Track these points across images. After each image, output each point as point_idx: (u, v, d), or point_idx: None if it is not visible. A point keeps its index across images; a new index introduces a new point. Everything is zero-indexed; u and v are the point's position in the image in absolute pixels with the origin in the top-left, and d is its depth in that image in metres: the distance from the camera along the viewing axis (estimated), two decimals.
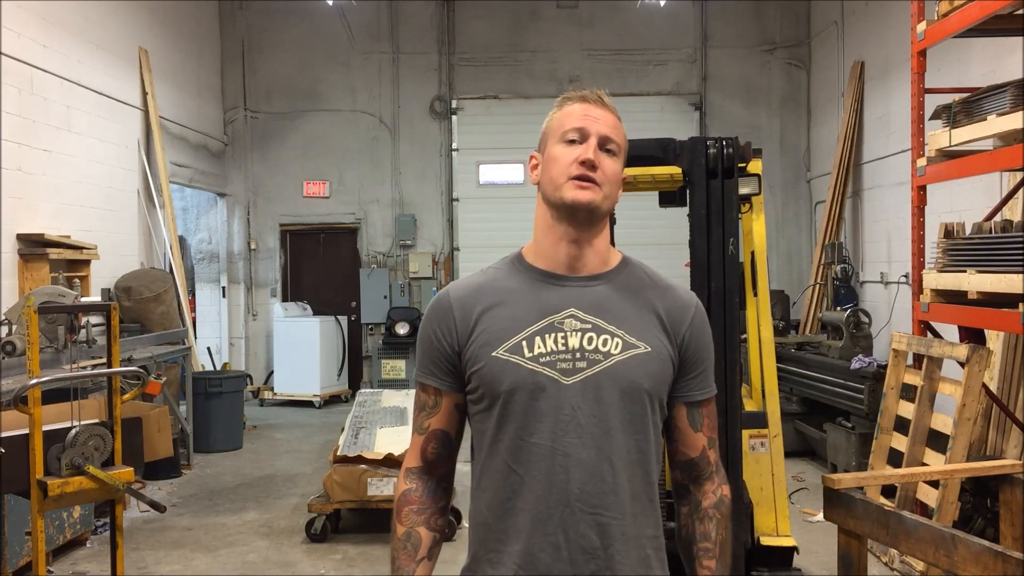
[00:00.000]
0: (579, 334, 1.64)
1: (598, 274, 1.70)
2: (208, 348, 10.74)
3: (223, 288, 11.57)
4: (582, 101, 1.70)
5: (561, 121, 1.70)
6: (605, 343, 1.64)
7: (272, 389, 11.01)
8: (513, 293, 1.69)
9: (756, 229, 4.15)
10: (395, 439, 5.95)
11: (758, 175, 3.98)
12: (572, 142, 1.66)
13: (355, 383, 11.31)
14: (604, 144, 1.66)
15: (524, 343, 1.63)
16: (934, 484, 4.64)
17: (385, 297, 11.39)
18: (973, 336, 4.92)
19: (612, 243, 3.57)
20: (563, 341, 1.63)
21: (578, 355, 1.63)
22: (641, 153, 3.57)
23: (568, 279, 1.69)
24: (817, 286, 9.52)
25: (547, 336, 1.64)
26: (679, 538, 1.77)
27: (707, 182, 3.43)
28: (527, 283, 1.70)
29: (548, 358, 1.63)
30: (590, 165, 1.63)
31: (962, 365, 4.70)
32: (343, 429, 6.45)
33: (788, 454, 4.77)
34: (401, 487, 1.75)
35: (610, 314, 1.66)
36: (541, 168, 1.71)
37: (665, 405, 1.71)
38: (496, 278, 1.73)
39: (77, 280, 6.70)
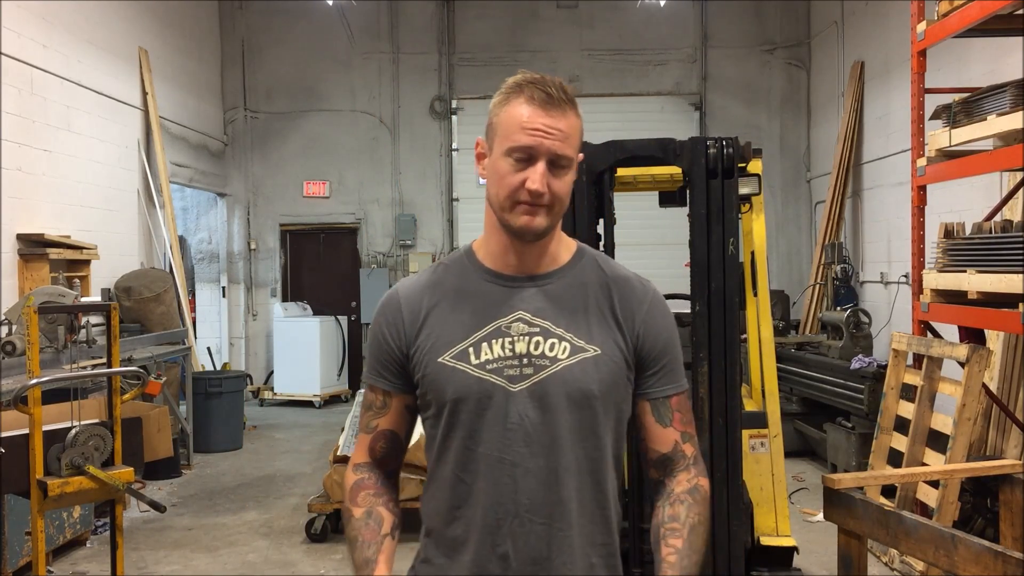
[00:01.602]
0: (526, 339, 1.58)
1: (549, 272, 1.64)
2: (208, 348, 10.74)
3: (223, 288, 11.57)
4: (530, 103, 1.54)
5: (509, 125, 1.55)
6: (552, 347, 1.58)
7: (272, 389, 11.01)
8: (461, 294, 1.63)
9: (756, 229, 4.15)
10: None
11: (758, 175, 3.98)
12: (520, 160, 1.54)
13: (355, 383, 11.30)
14: (555, 162, 1.55)
15: (471, 349, 1.58)
16: (934, 484, 4.64)
17: None
18: (973, 336, 4.91)
19: (611, 243, 3.57)
20: (510, 347, 1.58)
21: (524, 361, 1.57)
22: (641, 153, 3.57)
23: (517, 280, 1.63)
24: (817, 286, 9.52)
25: (494, 342, 1.58)
26: (652, 531, 1.69)
27: (707, 182, 3.43)
28: (476, 284, 1.64)
29: (495, 365, 1.57)
30: (536, 195, 1.53)
31: (962, 365, 4.70)
32: (343, 429, 6.45)
33: (788, 454, 4.77)
34: (351, 478, 1.69)
35: (559, 316, 1.60)
36: (488, 171, 1.61)
37: (624, 406, 1.65)
38: (446, 277, 1.67)
39: (77, 280, 6.70)
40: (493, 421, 1.56)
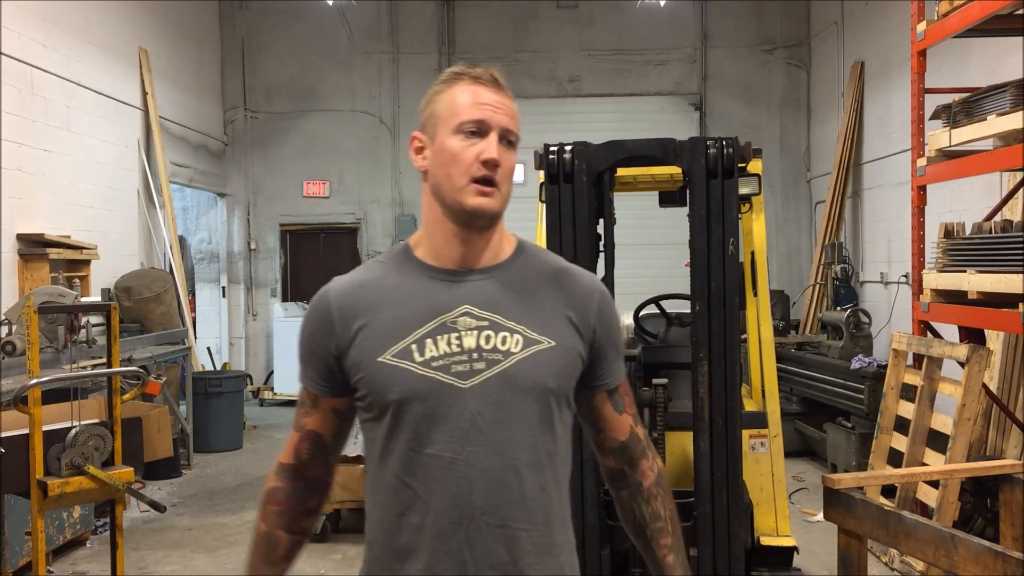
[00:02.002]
0: (475, 333, 1.52)
1: (492, 266, 1.58)
2: (208, 348, 10.74)
3: (223, 288, 11.57)
4: (475, 82, 1.55)
5: (454, 106, 1.54)
6: (504, 341, 1.52)
7: (272, 389, 11.01)
8: (400, 291, 1.56)
9: (756, 229, 4.15)
10: None
11: (758, 175, 3.98)
12: (472, 134, 1.52)
13: None
14: (504, 137, 1.53)
15: (414, 346, 1.51)
16: (934, 484, 4.64)
17: None
18: (973, 336, 4.91)
19: (611, 243, 3.57)
20: (457, 342, 1.51)
21: (475, 356, 1.51)
22: (641, 153, 3.57)
23: (460, 274, 1.56)
24: (817, 286, 9.52)
25: (439, 337, 1.51)
26: (627, 523, 1.74)
27: (707, 182, 3.42)
28: (416, 280, 1.57)
29: (441, 362, 1.50)
30: (493, 165, 1.50)
31: (962, 365, 4.70)
32: None
33: (788, 454, 4.77)
34: (269, 483, 1.70)
35: (508, 309, 1.54)
36: (432, 157, 1.56)
37: (573, 400, 1.61)
38: (382, 274, 1.60)
39: (77, 280, 6.70)
40: (442, 421, 1.49)
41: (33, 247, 6.62)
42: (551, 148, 3.50)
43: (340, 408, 1.63)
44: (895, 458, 5.21)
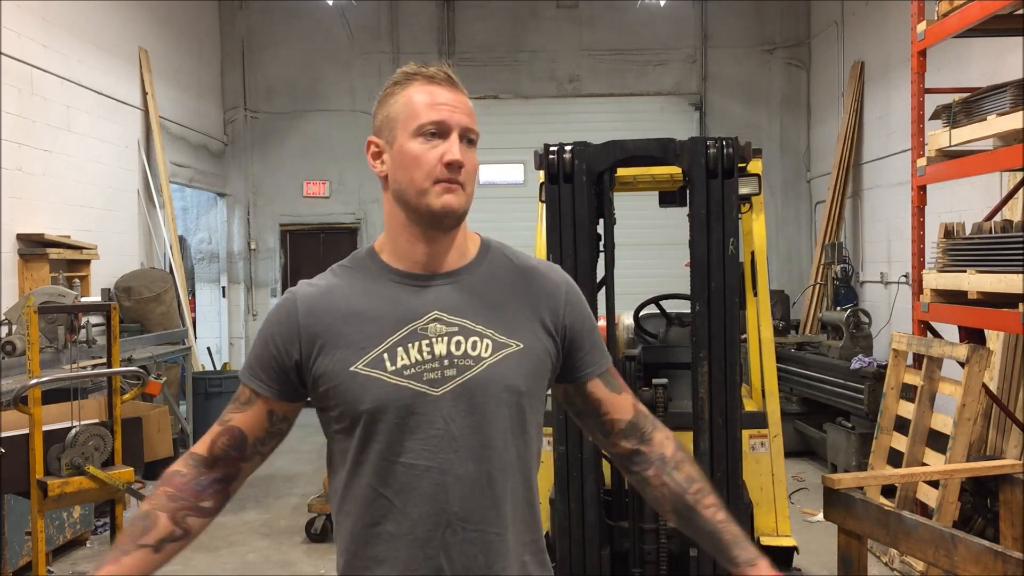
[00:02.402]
0: (445, 339, 1.50)
1: (459, 268, 1.57)
2: (208, 348, 10.74)
3: (223, 288, 11.56)
4: (429, 82, 1.52)
5: (412, 108, 1.51)
6: (474, 346, 1.51)
7: None
8: (369, 298, 1.53)
9: (756, 229, 4.15)
10: None
11: (758, 175, 3.98)
12: (433, 136, 1.50)
13: None
14: (465, 136, 1.52)
15: (385, 355, 1.49)
16: (934, 484, 4.64)
17: None
18: (973, 336, 4.91)
19: (611, 243, 3.57)
20: (428, 349, 1.49)
21: (446, 362, 1.49)
22: (641, 153, 3.57)
23: (428, 278, 1.54)
24: (817, 286, 9.52)
25: (411, 345, 1.49)
26: (660, 500, 1.67)
27: (707, 182, 3.42)
28: (384, 286, 1.54)
29: (413, 370, 1.48)
30: (457, 166, 1.49)
31: (962, 365, 4.70)
32: None
33: (788, 454, 4.77)
34: (174, 467, 1.60)
35: (477, 312, 1.53)
36: (392, 161, 1.55)
37: (543, 399, 1.61)
38: (350, 280, 1.57)
39: (77, 280, 6.70)
40: (415, 429, 1.47)
41: (33, 247, 6.62)
42: (551, 148, 3.50)
43: (277, 413, 1.60)
44: (895, 458, 5.21)
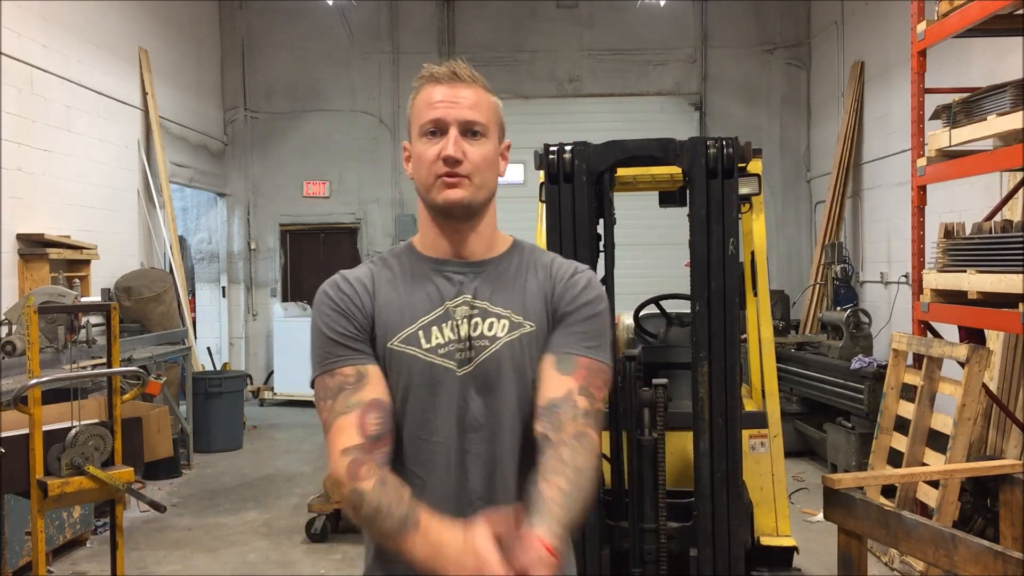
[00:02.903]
0: (467, 321, 1.57)
1: (487, 259, 1.63)
2: (208, 348, 10.74)
3: (223, 288, 11.57)
4: (434, 82, 1.59)
5: (417, 110, 1.60)
6: (491, 326, 1.56)
7: (272, 389, 11.01)
8: (405, 281, 1.61)
9: (756, 229, 4.15)
10: None
11: (758, 175, 3.97)
12: (432, 135, 1.56)
13: None
14: (467, 129, 1.55)
15: (420, 333, 1.55)
16: (934, 484, 4.64)
17: None
18: (973, 336, 4.91)
19: (611, 243, 3.57)
20: (456, 330, 1.56)
21: (468, 344, 1.55)
22: (641, 153, 3.57)
23: (460, 264, 1.61)
24: (817, 286, 9.52)
25: (444, 325, 1.56)
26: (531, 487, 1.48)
27: (707, 182, 3.42)
28: (419, 272, 1.62)
29: (445, 349, 1.55)
30: (452, 162, 1.53)
31: (962, 365, 4.70)
32: None
33: (788, 454, 4.77)
34: (342, 462, 1.45)
35: (496, 294, 1.59)
36: (412, 165, 1.63)
37: None
38: (386, 267, 1.65)
39: (77, 280, 6.70)
40: (443, 407, 1.53)
41: (33, 247, 6.62)
42: (551, 148, 3.50)
43: (384, 377, 1.55)
44: (895, 458, 5.21)
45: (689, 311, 3.63)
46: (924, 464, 4.84)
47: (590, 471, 1.48)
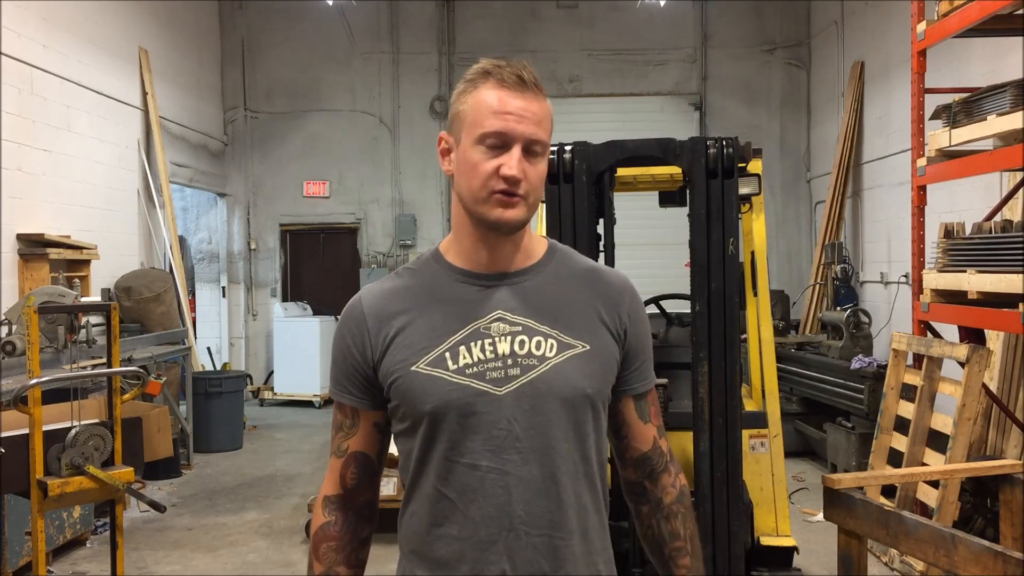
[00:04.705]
0: (508, 338, 1.47)
1: (523, 269, 1.54)
2: (208, 348, 10.74)
3: (223, 288, 11.57)
4: (500, 86, 1.45)
5: (478, 112, 1.45)
6: (539, 345, 1.48)
7: (272, 389, 11.01)
8: (432, 297, 1.51)
9: (756, 229, 4.15)
10: None
11: (758, 175, 3.97)
12: (492, 147, 1.44)
13: None
14: (529, 147, 1.45)
15: (447, 354, 1.46)
16: (934, 484, 4.64)
17: None
18: (973, 336, 4.91)
19: (611, 243, 3.57)
20: (491, 348, 1.47)
21: (509, 361, 1.46)
22: (641, 153, 3.57)
23: (492, 278, 1.52)
24: (817, 286, 9.52)
25: (473, 344, 1.47)
26: (645, 539, 1.68)
27: (707, 182, 3.42)
28: (447, 285, 1.52)
29: (475, 369, 1.46)
30: (514, 182, 1.43)
31: (962, 365, 4.70)
32: None
33: (788, 454, 4.77)
34: (318, 519, 1.59)
35: (541, 312, 1.50)
36: (456, 164, 1.50)
37: (607, 404, 1.57)
38: (413, 281, 1.55)
39: (77, 280, 6.70)
40: (478, 429, 1.45)
41: (33, 247, 6.63)
42: (551, 148, 3.50)
43: (380, 423, 1.57)
44: (895, 458, 5.21)
45: (689, 311, 3.63)
46: (924, 464, 4.84)
47: (696, 528, 1.70)
